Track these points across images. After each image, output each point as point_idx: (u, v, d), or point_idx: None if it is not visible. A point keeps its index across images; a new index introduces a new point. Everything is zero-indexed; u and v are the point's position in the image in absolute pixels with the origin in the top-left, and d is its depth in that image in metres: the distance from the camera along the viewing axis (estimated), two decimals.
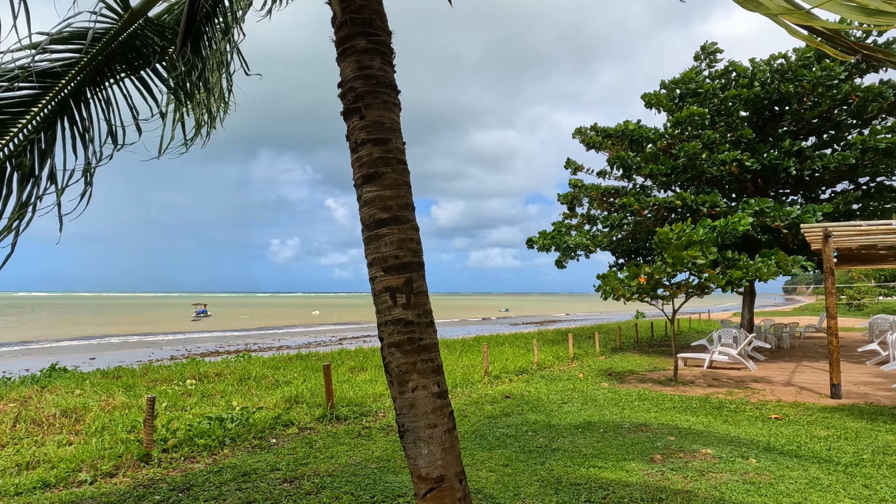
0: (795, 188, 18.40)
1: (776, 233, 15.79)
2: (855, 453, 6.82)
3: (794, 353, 18.58)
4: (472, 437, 7.69)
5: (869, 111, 16.27)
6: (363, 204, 2.96)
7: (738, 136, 16.15)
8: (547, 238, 18.38)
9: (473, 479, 5.87)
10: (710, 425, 8.44)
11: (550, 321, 59.54)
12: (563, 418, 8.72)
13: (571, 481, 5.76)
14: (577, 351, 17.61)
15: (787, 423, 8.65)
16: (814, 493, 5.37)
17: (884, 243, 13.05)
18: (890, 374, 13.20)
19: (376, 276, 2.89)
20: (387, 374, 2.86)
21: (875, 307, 46.46)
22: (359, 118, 2.98)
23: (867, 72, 17.05)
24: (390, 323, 2.83)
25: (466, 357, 15.60)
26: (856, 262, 21.85)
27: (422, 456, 2.72)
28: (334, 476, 5.89)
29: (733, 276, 11.35)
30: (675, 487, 5.53)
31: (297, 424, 8.16)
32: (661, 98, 18.42)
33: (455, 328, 46.32)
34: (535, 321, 61.07)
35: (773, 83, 15.90)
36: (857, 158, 15.07)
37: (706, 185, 18.17)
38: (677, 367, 12.93)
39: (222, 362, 13.79)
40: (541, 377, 12.98)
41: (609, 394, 10.94)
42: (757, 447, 7.11)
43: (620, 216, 17.38)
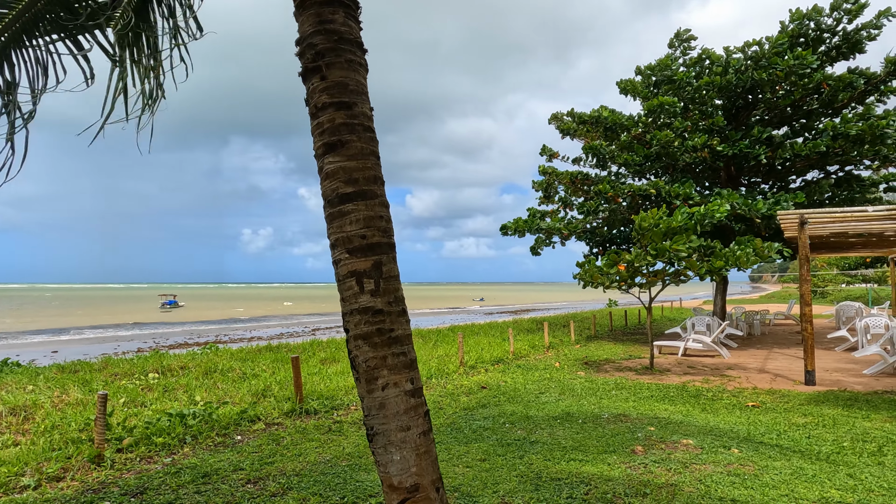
0: (767, 176, 18.50)
1: (749, 221, 15.83)
2: (835, 441, 6.74)
3: (765, 339, 18.77)
4: (449, 430, 7.40)
5: (839, 100, 16.38)
6: (325, 176, 2.60)
7: (710, 124, 16.11)
8: (520, 223, 18.16)
9: (450, 475, 5.58)
10: (689, 414, 8.32)
11: (525, 310, 59.67)
12: (541, 409, 8.49)
13: (552, 476, 5.51)
14: (552, 340, 17.47)
15: (765, 410, 8.58)
16: (799, 483, 5.23)
17: (855, 230, 13.14)
18: (861, 361, 13.34)
19: (340, 258, 2.54)
20: (353, 370, 2.52)
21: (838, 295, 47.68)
22: (319, 79, 2.61)
23: (838, 59, 17.16)
24: (357, 312, 2.48)
25: (441, 347, 15.31)
26: (825, 250, 22.20)
27: (393, 462, 2.40)
28: (302, 475, 5.54)
29: (715, 265, 11.26)
30: (659, 481, 5.33)
31: (264, 420, 7.76)
32: (636, 85, 18.28)
33: (430, 318, 46.08)
34: (509, 310, 61.17)
35: (746, 71, 15.86)
36: (827, 146, 15.15)
37: (680, 174, 18.14)
38: (653, 356, 12.86)
39: (188, 355, 13.23)
40: (517, 367, 12.77)
41: (586, 383, 10.78)
42: (737, 437, 6.98)
43: (595, 202, 17.23)
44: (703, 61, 17.67)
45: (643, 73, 18.30)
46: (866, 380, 10.93)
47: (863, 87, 16.20)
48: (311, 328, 38.79)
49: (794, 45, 16.66)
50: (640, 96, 18.33)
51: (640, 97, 18.29)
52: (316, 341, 17.70)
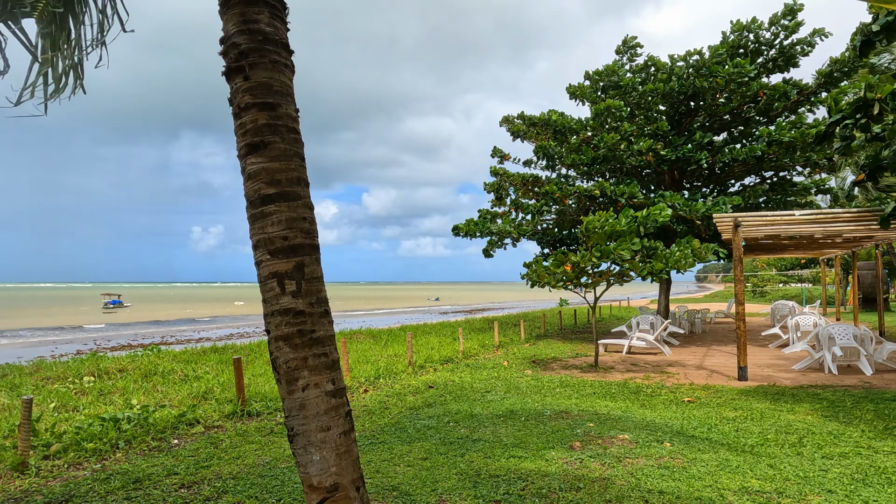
0: (708, 180, 19.26)
1: (690, 223, 16.46)
2: (760, 433, 7.08)
3: (705, 337, 19.53)
4: (393, 429, 7.42)
5: (775, 108, 17.21)
6: (247, 177, 2.59)
7: (655, 129, 16.67)
8: (472, 225, 18.34)
9: (390, 474, 5.61)
10: (628, 410, 8.59)
11: (480, 310, 60.16)
12: (486, 407, 8.61)
13: (491, 473, 5.61)
14: (502, 339, 17.70)
15: (699, 405, 8.93)
16: (724, 474, 5.48)
17: (786, 233, 13.84)
18: (791, 357, 14.06)
19: (262, 259, 2.53)
20: (274, 371, 2.52)
21: (776, 294, 50.02)
22: (243, 79, 2.60)
23: (774, 71, 18.02)
24: (278, 313, 2.49)
25: (391, 347, 15.30)
26: (761, 252, 23.27)
27: (313, 463, 2.41)
28: (239, 478, 5.45)
29: (655, 267, 11.66)
30: (593, 475, 5.50)
31: (204, 423, 7.59)
32: (584, 90, 18.72)
33: (384, 318, 45.88)
34: (464, 310, 61.53)
35: (689, 78, 16.49)
36: (762, 151, 15.91)
37: (626, 176, 18.69)
38: (598, 354, 13.21)
39: (127, 357, 12.80)
40: (466, 366, 12.89)
41: (532, 381, 10.98)
42: (671, 431, 7.26)
43: (541, 203, 17.57)
44: (649, 68, 18.25)
45: (591, 77, 18.76)
46: (794, 375, 11.52)
47: (796, 97, 17.07)
48: (263, 328, 38.07)
49: (735, 55, 17.41)
50: (588, 100, 18.77)
51: (589, 101, 18.74)
52: (265, 342, 17.42)
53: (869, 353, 11.51)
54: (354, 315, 53.48)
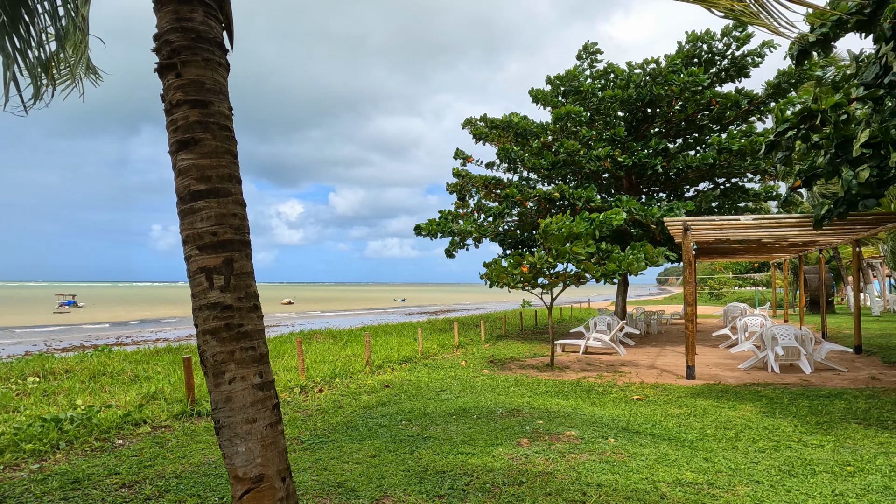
0: (664, 185, 19.82)
1: (646, 227, 16.92)
2: (701, 429, 7.37)
3: (660, 338, 20.07)
4: (345, 428, 7.45)
5: (727, 116, 17.83)
6: (178, 173, 2.62)
7: (612, 135, 17.09)
8: (433, 225, 18.46)
9: (337, 471, 5.65)
10: (578, 408, 8.80)
11: (445, 310, 60.33)
12: (440, 406, 8.70)
13: (438, 469, 5.70)
14: (462, 339, 17.85)
15: (647, 403, 9.21)
16: (661, 468, 5.70)
17: (735, 237, 14.36)
18: (737, 356, 14.59)
19: (191, 254, 2.57)
20: (202, 365, 2.55)
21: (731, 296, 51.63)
22: (174, 76, 2.63)
23: (727, 81, 18.68)
24: (205, 307, 2.52)
25: (351, 347, 15.27)
26: (714, 255, 24.03)
27: (238, 454, 2.46)
28: (182, 477, 5.41)
29: (608, 269, 11.97)
30: (537, 470, 5.64)
31: (151, 423, 7.48)
32: (546, 94, 19.04)
33: (349, 318, 45.58)
34: (429, 310, 61.62)
35: (645, 86, 16.95)
36: (714, 159, 16.47)
37: (586, 180, 19.08)
38: (554, 353, 13.46)
39: (75, 357, 12.46)
40: (424, 365, 12.97)
41: (488, 380, 11.13)
42: (617, 427, 7.48)
43: (503, 206, 17.81)
44: (608, 74, 18.68)
45: (553, 82, 19.10)
46: (739, 374, 11.97)
47: (746, 106, 17.72)
48: None
49: (689, 64, 17.97)
50: (549, 105, 19.10)
51: (550, 106, 19.06)
52: None
53: (808, 353, 12.04)
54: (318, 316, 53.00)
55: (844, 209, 8.35)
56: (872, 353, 14.47)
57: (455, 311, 58.05)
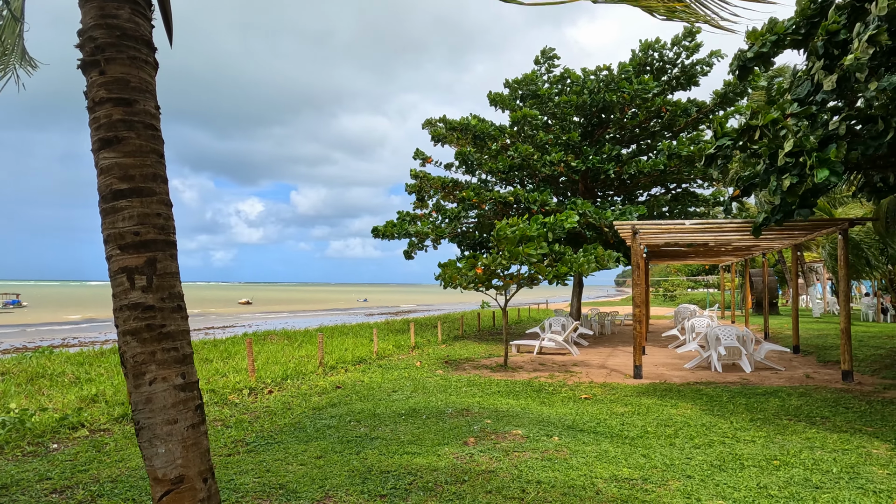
0: (618, 190, 20.31)
1: (600, 230, 17.31)
2: (642, 427, 7.59)
3: (613, 339, 20.54)
4: (292, 429, 7.40)
5: (677, 124, 18.40)
6: (100, 172, 2.59)
7: (567, 139, 17.43)
8: (390, 226, 18.45)
9: (280, 473, 5.61)
10: (527, 407, 8.95)
11: (406, 311, 60.20)
12: (390, 407, 8.72)
13: (383, 469, 5.73)
14: (419, 340, 17.89)
15: (594, 402, 9.44)
16: (600, 464, 5.86)
17: (682, 241, 14.85)
18: (684, 356, 15.07)
19: (112, 254, 2.54)
20: (122, 366, 2.53)
21: (684, 298, 53.21)
22: (98, 73, 2.60)
23: (678, 89, 19.28)
24: (126, 308, 2.50)
25: (305, 348, 15.12)
26: (666, 258, 24.75)
27: (158, 456, 2.45)
28: (118, 481, 5.29)
29: (560, 271, 12.21)
30: (480, 468, 5.73)
31: (90, 426, 7.26)
32: (504, 97, 19.28)
33: (308, 319, 45.02)
34: (390, 311, 61.39)
35: (599, 92, 17.35)
36: (664, 164, 16.99)
37: (542, 184, 19.40)
38: (507, 354, 13.63)
39: (12, 360, 11.97)
40: (378, 366, 12.96)
41: (441, 381, 11.20)
42: (563, 426, 7.64)
43: (459, 208, 17.95)
44: (565, 80, 19.04)
45: (511, 86, 19.35)
46: (684, 373, 12.37)
47: (695, 114, 18.33)
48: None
49: (641, 72, 18.48)
50: (507, 108, 19.34)
51: (508, 109, 19.31)
52: None
53: (749, 353, 12.55)
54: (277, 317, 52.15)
55: (781, 217, 8.74)
56: (809, 352, 15.17)
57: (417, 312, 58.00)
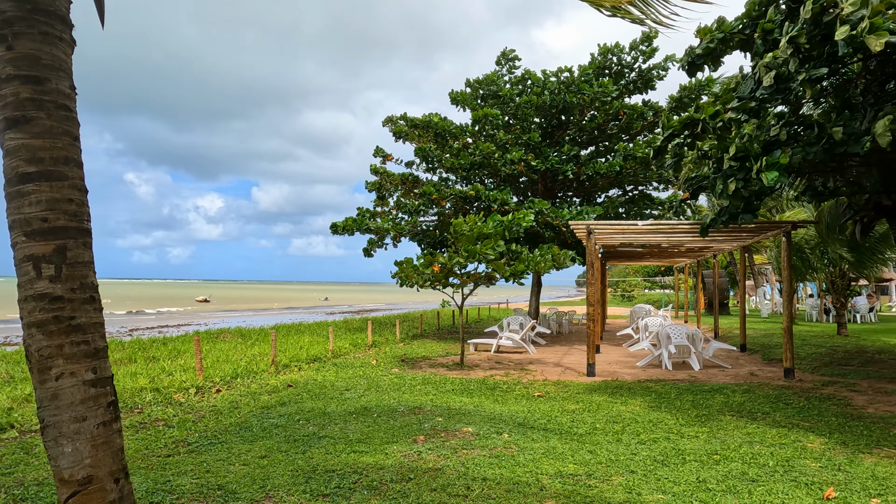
0: (577, 191, 20.59)
1: (558, 230, 17.51)
2: (591, 424, 7.68)
3: (570, 337, 20.81)
4: (237, 429, 7.20)
5: (634, 127, 18.76)
6: (5, 153, 2.43)
7: (527, 139, 17.58)
8: (349, 223, 18.26)
9: (220, 474, 5.45)
10: (480, 405, 8.95)
11: (368, 310, 59.69)
12: (342, 405, 8.60)
13: (328, 468, 5.62)
14: (377, 338, 17.75)
15: (547, 399, 9.51)
16: (546, 461, 5.89)
17: (637, 241, 15.15)
18: (637, 354, 15.37)
19: (17, 241, 2.39)
20: (27, 360, 2.37)
21: (641, 298, 54.44)
22: (5, 48, 2.44)
23: (635, 92, 19.66)
24: (32, 299, 2.35)
25: (258, 346, 14.82)
26: (622, 258, 25.23)
27: (64, 455, 2.31)
28: (44, 485, 5.03)
29: (517, 269, 12.28)
30: (427, 466, 5.69)
31: (20, 427, 6.92)
32: (466, 96, 19.31)
33: (267, 317, 44.18)
34: (352, 310, 60.80)
35: (559, 94, 17.55)
36: (620, 166, 17.31)
37: (503, 183, 19.51)
38: (464, 352, 13.64)
39: None
40: (333, 365, 12.79)
41: (396, 379, 11.11)
42: (514, 423, 7.67)
43: (419, 203, 17.91)
44: (526, 81, 19.19)
45: (472, 85, 19.39)
46: (636, 371, 12.61)
47: (652, 118, 18.72)
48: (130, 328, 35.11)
49: (601, 75, 18.77)
50: (469, 107, 19.38)
51: (469, 108, 19.35)
52: (121, 342, 16.22)
53: (698, 351, 12.88)
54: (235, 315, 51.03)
55: (727, 219, 8.98)
56: (755, 351, 15.68)
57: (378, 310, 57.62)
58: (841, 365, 12.45)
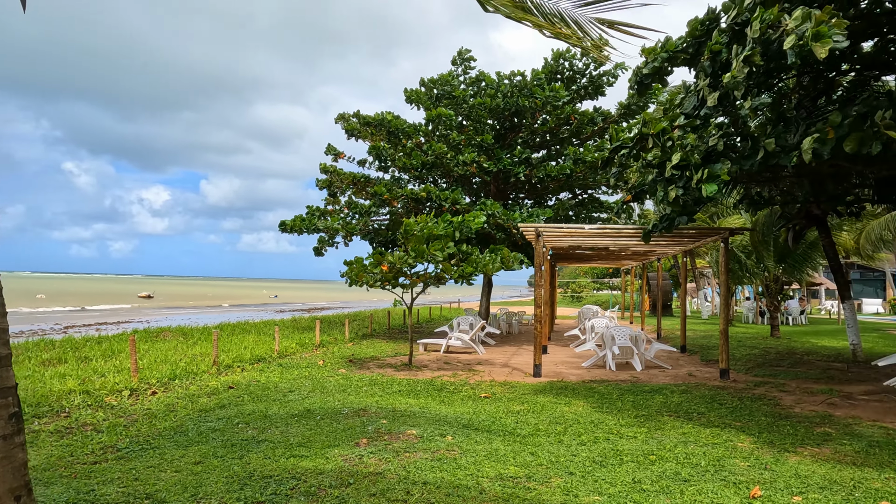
0: (529, 193, 20.86)
1: (509, 231, 17.68)
2: (535, 425, 7.75)
3: (520, 338, 21.06)
4: (172, 433, 6.94)
5: (585, 132, 19.14)
6: None
7: (480, 141, 17.70)
8: (298, 221, 17.92)
9: (150, 482, 5.23)
10: (426, 406, 8.92)
11: (319, 308, 58.83)
12: (284, 407, 8.42)
13: (265, 474, 5.48)
14: (326, 338, 17.49)
15: (493, 400, 9.56)
16: (488, 463, 5.91)
17: (585, 244, 15.45)
18: (583, 354, 15.68)
19: None
20: None
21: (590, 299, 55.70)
22: None
23: (586, 98, 20.05)
24: None
25: (201, 346, 14.35)
26: (572, 260, 25.73)
27: None
28: None
29: (465, 270, 12.33)
30: (367, 470, 5.62)
31: None
32: (420, 95, 19.26)
33: (213, 315, 42.93)
34: (302, 308, 59.79)
35: (512, 97, 17.73)
36: (571, 170, 17.63)
37: (456, 183, 19.56)
38: (412, 353, 13.61)
39: None
40: (278, 365, 12.52)
41: (342, 380, 10.97)
42: (459, 425, 7.67)
43: (370, 204, 17.77)
44: (480, 82, 19.30)
45: (426, 84, 19.35)
46: (581, 371, 12.86)
47: (602, 124, 19.15)
48: (66, 325, 33.41)
49: (553, 79, 19.06)
50: (423, 106, 19.34)
51: (424, 107, 19.31)
52: (52, 340, 15.42)
53: (640, 352, 13.24)
54: (179, 312, 49.35)
55: (668, 224, 9.27)
56: (694, 352, 16.25)
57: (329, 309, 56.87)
58: (772, 366, 13.04)
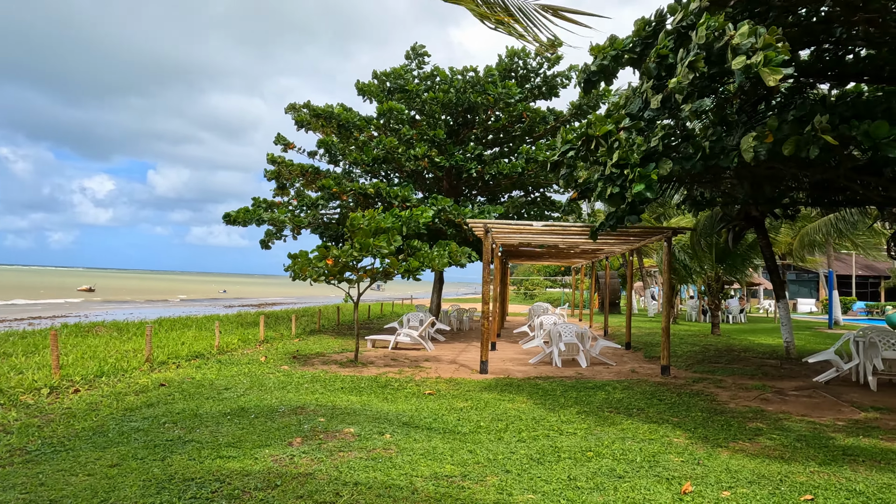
0: (482, 190, 20.84)
1: (459, 227, 17.61)
2: (477, 422, 7.65)
3: (470, 334, 21.04)
4: (90, 434, 6.52)
5: (537, 130, 19.25)
6: None
7: (433, 136, 17.55)
8: (242, 213, 17.37)
9: (58, 487, 4.86)
10: (368, 404, 8.72)
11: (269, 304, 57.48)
12: (217, 406, 8.06)
13: (187, 476, 5.18)
14: (271, 334, 17.01)
15: (437, 397, 9.43)
16: (424, 462, 5.77)
17: (534, 241, 15.52)
18: (530, 351, 15.76)
19: None
20: None
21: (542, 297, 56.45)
22: None
23: (540, 98, 20.16)
24: None
25: (135, 341, 13.69)
26: (522, 258, 25.90)
27: None
28: None
29: (411, 266, 12.16)
30: (298, 471, 5.39)
31: None
32: (373, 88, 18.95)
33: (157, 310, 41.33)
34: (251, 303, 58.31)
35: (465, 93, 17.65)
36: (522, 168, 17.69)
37: (408, 178, 19.36)
38: (358, 349, 13.36)
39: None
40: (217, 362, 12.05)
41: (283, 377, 10.63)
42: (399, 422, 7.50)
43: (319, 197, 17.38)
44: (434, 77, 19.13)
45: (379, 77, 19.06)
46: (528, 368, 12.89)
47: (553, 123, 19.29)
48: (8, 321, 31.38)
49: (507, 77, 19.08)
50: (375, 99, 19.04)
51: (376, 100, 19.01)
52: None
53: (586, 349, 13.38)
54: (121, 307, 47.31)
55: (615, 222, 9.33)
56: (639, 349, 16.58)
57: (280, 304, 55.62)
58: (711, 362, 13.41)
